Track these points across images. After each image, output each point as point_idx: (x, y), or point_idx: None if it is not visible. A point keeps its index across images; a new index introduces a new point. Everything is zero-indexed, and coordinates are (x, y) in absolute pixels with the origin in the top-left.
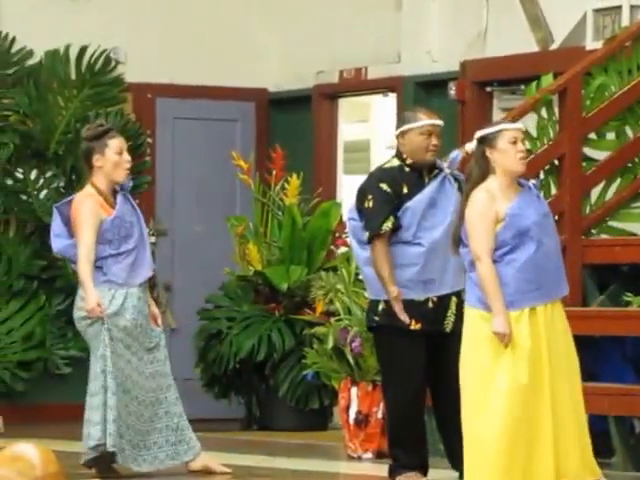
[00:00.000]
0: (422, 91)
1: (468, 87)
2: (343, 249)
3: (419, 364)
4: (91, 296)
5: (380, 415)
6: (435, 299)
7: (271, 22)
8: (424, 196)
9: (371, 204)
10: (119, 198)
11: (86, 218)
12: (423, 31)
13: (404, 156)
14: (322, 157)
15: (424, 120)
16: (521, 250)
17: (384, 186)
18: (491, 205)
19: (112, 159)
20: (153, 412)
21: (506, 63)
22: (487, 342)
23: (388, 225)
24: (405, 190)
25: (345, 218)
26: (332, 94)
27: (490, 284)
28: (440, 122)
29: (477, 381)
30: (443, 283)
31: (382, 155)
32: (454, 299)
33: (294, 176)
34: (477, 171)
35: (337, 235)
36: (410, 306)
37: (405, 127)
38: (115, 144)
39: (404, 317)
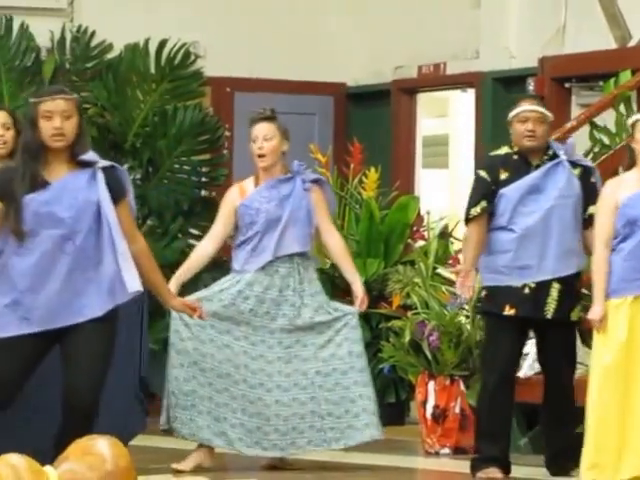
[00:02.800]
0: (500, 87)
1: (546, 83)
2: (420, 243)
3: (507, 350)
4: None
5: (458, 410)
6: (533, 285)
7: (351, 17)
8: (524, 182)
9: (470, 191)
10: (262, 185)
11: (221, 207)
12: (502, 27)
13: (512, 143)
14: (400, 151)
15: (521, 107)
16: (630, 239)
17: (482, 173)
18: (613, 194)
19: (251, 148)
20: (290, 397)
21: (584, 59)
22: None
23: (477, 210)
24: (504, 176)
25: (424, 212)
26: (410, 89)
27: (595, 272)
28: (535, 107)
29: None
30: (542, 269)
31: (461, 150)
32: (556, 285)
33: (372, 170)
34: (629, 160)
35: (415, 229)
36: (506, 292)
37: (509, 116)
38: (251, 132)
39: (461, 291)
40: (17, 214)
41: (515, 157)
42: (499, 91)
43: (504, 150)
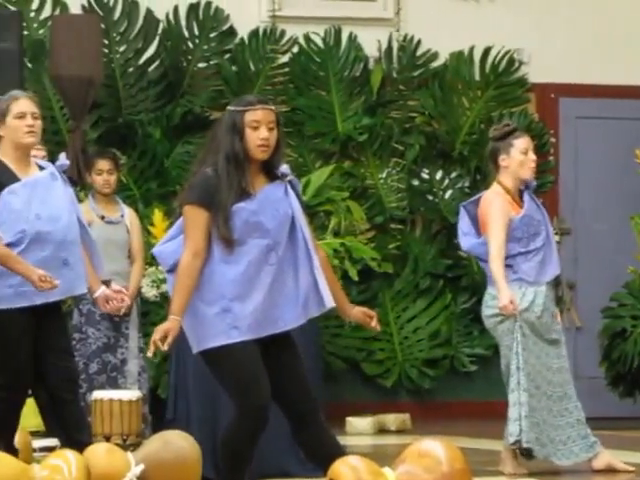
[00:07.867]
0: None
1: None
2: None
3: None
4: (504, 293)
5: None
6: None
7: None
8: None
9: None
10: (526, 196)
11: (497, 217)
12: None
13: None
14: None
15: None
16: None
17: None
18: None
19: (517, 158)
20: (562, 407)
21: None
22: None
23: None
24: None
25: None
26: None
27: None
28: None
29: None
30: None
31: None
32: None
33: None
34: None
35: None
36: None
37: None
38: (520, 144)
39: None
40: (226, 222)
41: None
42: None
43: None
